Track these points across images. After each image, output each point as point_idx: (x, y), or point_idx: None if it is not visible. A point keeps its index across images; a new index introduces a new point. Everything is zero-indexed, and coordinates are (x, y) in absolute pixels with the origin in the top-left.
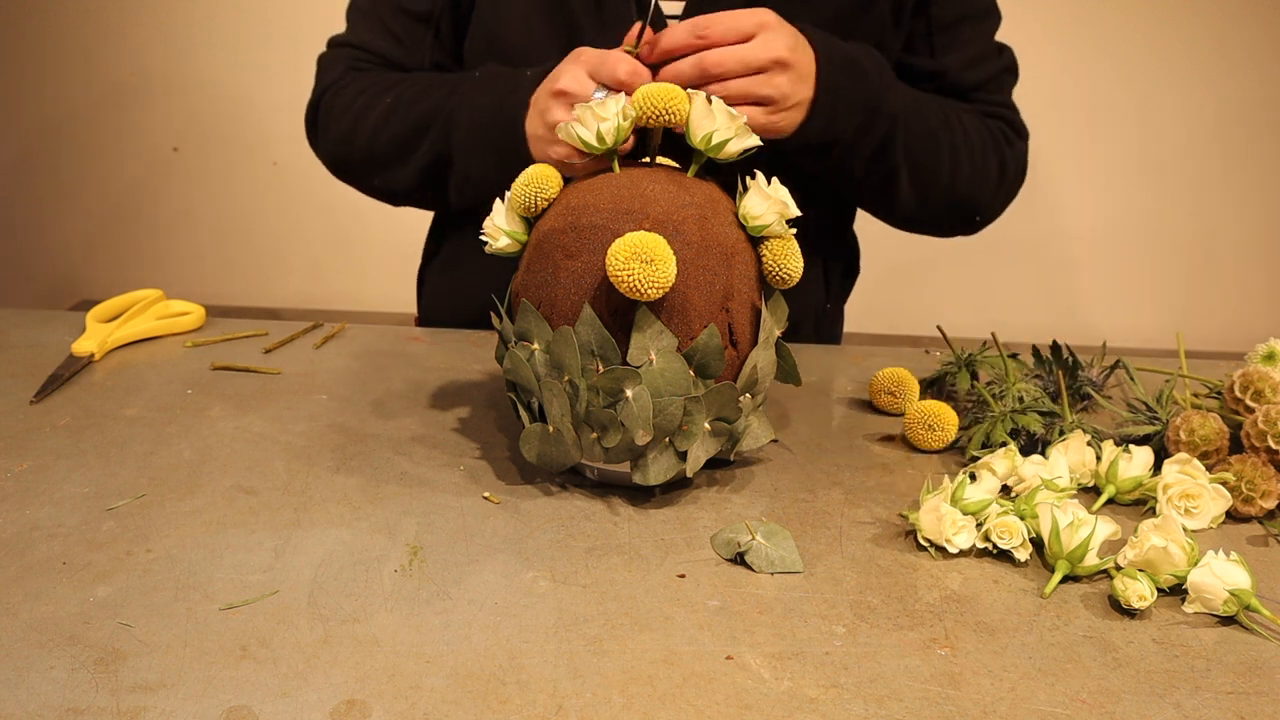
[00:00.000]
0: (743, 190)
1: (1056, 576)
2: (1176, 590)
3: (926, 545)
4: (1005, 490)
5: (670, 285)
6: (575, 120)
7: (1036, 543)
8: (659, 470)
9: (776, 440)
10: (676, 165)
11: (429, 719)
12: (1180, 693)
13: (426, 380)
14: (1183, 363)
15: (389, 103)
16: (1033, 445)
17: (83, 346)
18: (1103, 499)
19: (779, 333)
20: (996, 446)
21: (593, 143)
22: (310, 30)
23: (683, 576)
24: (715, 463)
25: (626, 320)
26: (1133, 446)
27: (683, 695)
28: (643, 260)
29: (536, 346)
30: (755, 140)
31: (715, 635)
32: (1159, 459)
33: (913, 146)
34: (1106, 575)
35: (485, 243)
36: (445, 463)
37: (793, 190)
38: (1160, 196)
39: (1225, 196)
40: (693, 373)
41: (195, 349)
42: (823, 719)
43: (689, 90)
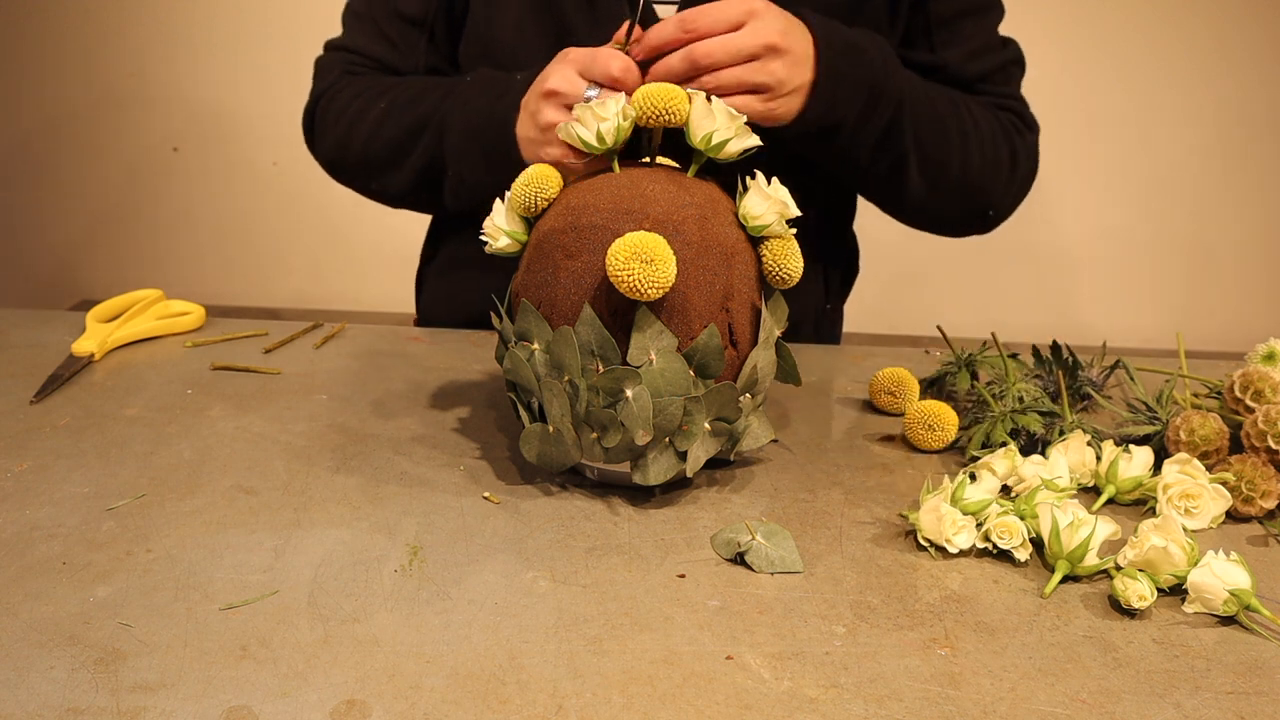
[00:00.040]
0: (743, 190)
1: (1056, 576)
2: (1176, 590)
3: (926, 545)
4: (1005, 490)
5: (670, 285)
6: (574, 120)
7: (1036, 543)
8: (659, 470)
9: (776, 440)
10: (676, 165)
11: (429, 719)
12: (1180, 693)
13: (426, 380)
14: (1183, 363)
15: (383, 107)
16: (1033, 445)
17: (83, 346)
18: (1103, 499)
19: (779, 333)
20: (996, 446)
21: (592, 143)
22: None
23: (683, 576)
24: (715, 463)
25: (626, 320)
26: (1133, 446)
27: (683, 695)
28: (643, 260)
29: (536, 346)
30: (755, 140)
31: (715, 635)
32: (1159, 459)
33: (921, 133)
34: (1106, 575)
35: (485, 243)
36: (445, 463)
37: (793, 190)
38: (1160, 196)
39: (1225, 197)
40: (693, 373)
41: (195, 349)
42: (823, 719)
43: (689, 90)
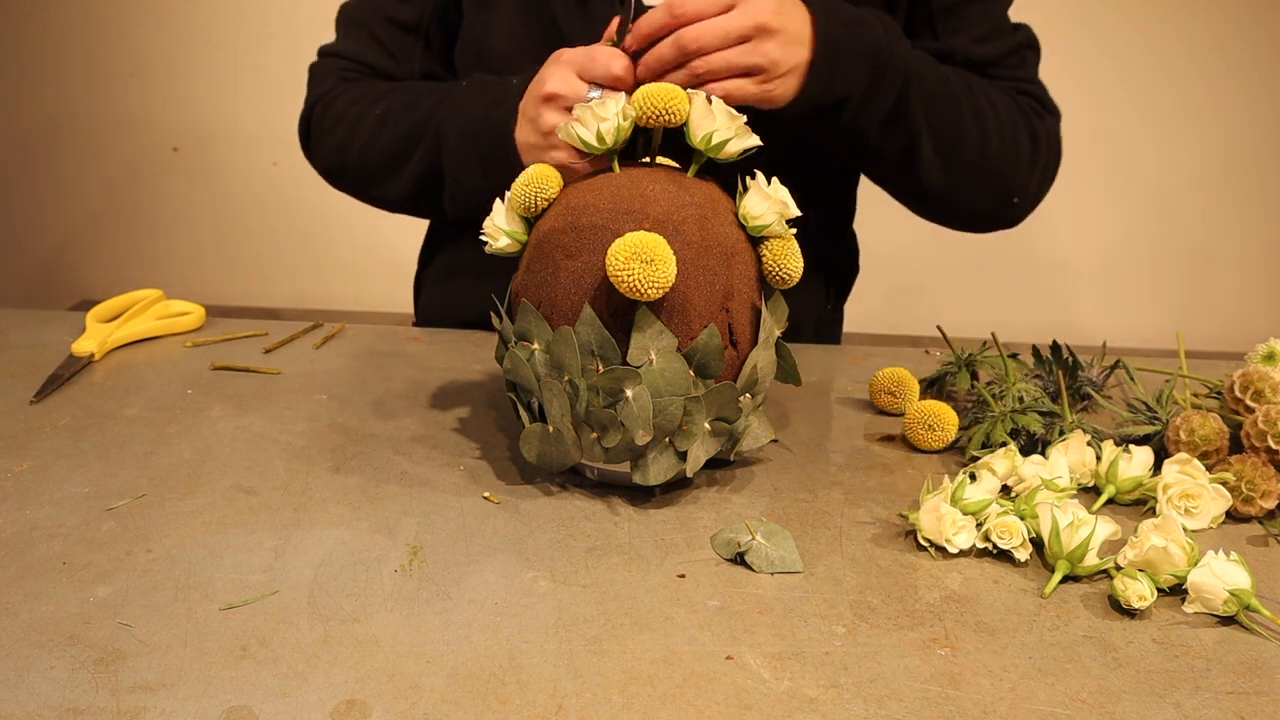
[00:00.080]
0: (743, 190)
1: (1056, 576)
2: (1176, 590)
3: (926, 545)
4: (1005, 490)
5: (670, 285)
6: (574, 120)
7: (1036, 543)
8: (659, 470)
9: (776, 440)
10: (676, 165)
11: (429, 719)
12: (1180, 693)
13: (426, 380)
14: (1183, 363)
15: (379, 113)
16: (1033, 445)
17: (83, 346)
18: (1103, 499)
19: (779, 333)
20: (996, 446)
21: (592, 143)
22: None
23: (683, 576)
24: (715, 463)
25: (626, 320)
26: (1133, 446)
27: (683, 695)
28: (643, 260)
29: (536, 346)
30: (755, 140)
31: (715, 635)
32: (1159, 459)
33: (932, 111)
34: (1106, 575)
35: (484, 245)
36: (445, 463)
37: (793, 190)
38: (1160, 196)
39: (1225, 197)
40: (693, 373)
41: (195, 349)
42: (823, 719)
43: (689, 90)
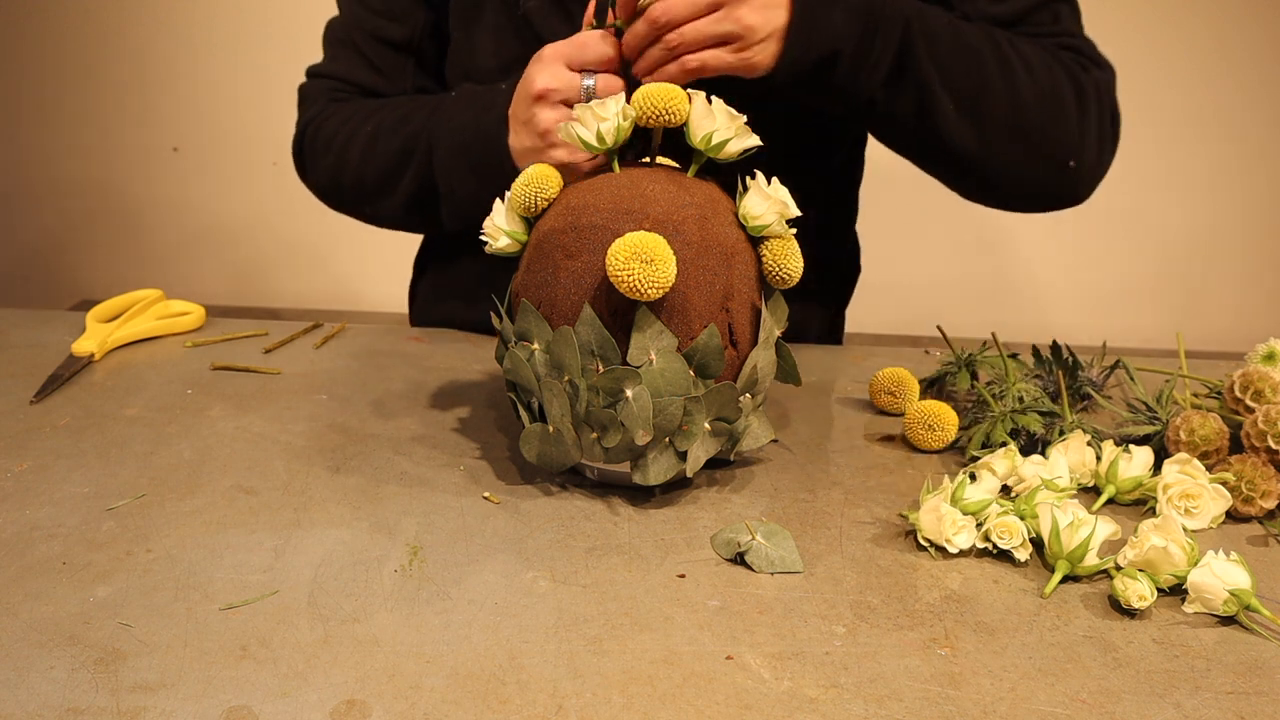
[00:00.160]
0: (743, 190)
1: (1056, 576)
2: (1176, 590)
3: (926, 545)
4: (1005, 490)
5: (670, 285)
6: (574, 120)
7: (1036, 543)
8: (659, 470)
9: (776, 440)
10: (676, 165)
11: (429, 719)
12: (1180, 693)
13: (426, 380)
14: (1183, 363)
15: (370, 131)
16: (1033, 445)
17: (83, 346)
18: (1103, 499)
19: (779, 333)
20: (996, 446)
21: (593, 143)
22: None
23: (683, 576)
24: (715, 463)
25: (626, 320)
26: (1133, 446)
27: (683, 695)
28: (643, 260)
29: (536, 346)
30: (755, 140)
31: (715, 635)
32: (1159, 459)
33: (944, 62)
34: (1106, 575)
35: (484, 243)
36: (445, 463)
37: (793, 190)
38: (1160, 196)
39: (1225, 197)
40: (693, 373)
41: (195, 349)
42: (823, 719)
43: (689, 90)
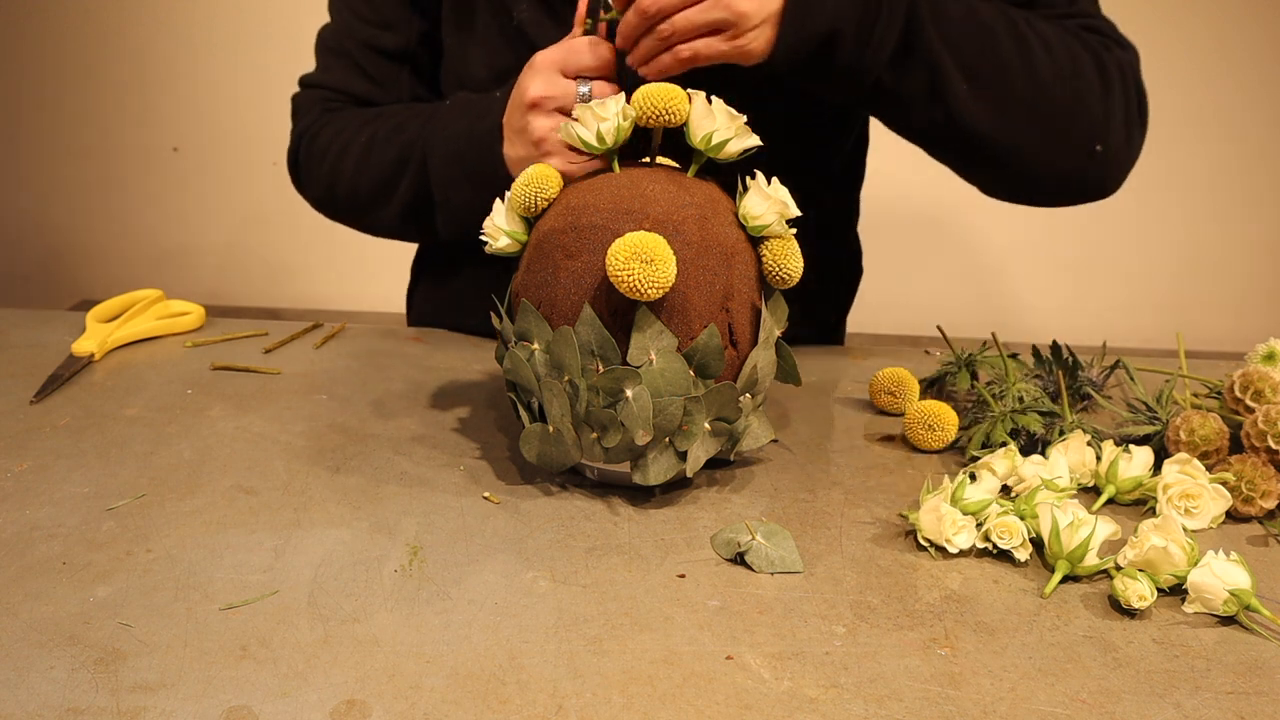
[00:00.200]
0: (743, 190)
1: (1056, 576)
2: (1176, 590)
3: (926, 545)
4: (1005, 490)
5: (670, 285)
6: (575, 121)
7: (1036, 543)
8: (659, 470)
9: (776, 440)
10: (676, 165)
11: (429, 719)
12: (1180, 693)
13: (426, 380)
14: (1183, 363)
15: (364, 141)
16: (1033, 445)
17: (83, 346)
18: (1103, 499)
19: (779, 333)
20: (996, 446)
21: (592, 143)
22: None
23: (683, 576)
24: (715, 463)
25: (626, 320)
26: (1133, 446)
27: (683, 695)
28: (643, 260)
29: (536, 346)
30: (755, 140)
31: (715, 635)
32: (1159, 459)
33: (955, 40)
34: (1106, 575)
35: (484, 243)
36: (445, 463)
37: (793, 191)
38: (1160, 196)
39: (1226, 197)
40: (693, 373)
41: (195, 349)
42: (823, 719)
43: (689, 90)
